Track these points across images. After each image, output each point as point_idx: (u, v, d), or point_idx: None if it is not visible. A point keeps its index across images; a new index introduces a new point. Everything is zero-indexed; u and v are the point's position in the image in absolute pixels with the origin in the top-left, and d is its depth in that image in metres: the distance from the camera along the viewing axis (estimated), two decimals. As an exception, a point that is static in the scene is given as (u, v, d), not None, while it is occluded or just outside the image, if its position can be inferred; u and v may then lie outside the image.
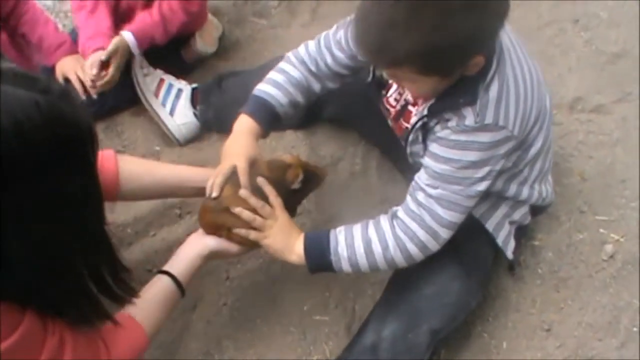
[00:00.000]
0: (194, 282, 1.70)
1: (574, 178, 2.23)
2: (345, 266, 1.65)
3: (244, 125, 1.75)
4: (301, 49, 1.84)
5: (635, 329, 1.96)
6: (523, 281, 2.02)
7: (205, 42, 2.47)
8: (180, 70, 2.41)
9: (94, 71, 2.15)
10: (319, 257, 1.66)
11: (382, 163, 2.24)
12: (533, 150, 1.69)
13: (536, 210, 1.91)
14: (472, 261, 1.80)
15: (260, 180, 1.66)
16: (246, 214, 1.63)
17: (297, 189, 1.73)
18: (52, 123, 1.10)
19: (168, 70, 2.37)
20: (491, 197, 1.76)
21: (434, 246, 1.62)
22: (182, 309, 1.93)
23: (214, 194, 1.64)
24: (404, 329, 1.74)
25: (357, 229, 1.65)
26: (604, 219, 2.16)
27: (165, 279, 1.61)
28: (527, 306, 2.00)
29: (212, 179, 1.66)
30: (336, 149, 2.27)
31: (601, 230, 2.13)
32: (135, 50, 2.23)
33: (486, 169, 1.55)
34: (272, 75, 1.82)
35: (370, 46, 1.38)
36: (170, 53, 2.41)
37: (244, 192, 1.63)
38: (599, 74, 2.50)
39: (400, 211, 1.62)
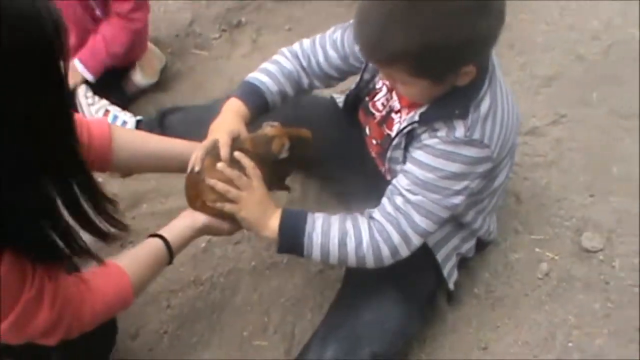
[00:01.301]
0: (135, 310, 1.70)
1: (509, 199, 2.27)
2: (316, 253, 1.63)
3: (231, 105, 1.75)
4: (295, 45, 1.87)
5: (570, 344, 2.00)
6: (459, 302, 2.04)
7: (145, 74, 2.49)
8: (121, 101, 2.42)
9: None
10: (292, 237, 1.63)
11: (321, 191, 2.27)
12: (497, 182, 1.74)
13: (479, 245, 1.97)
14: (415, 289, 1.83)
15: (238, 154, 1.62)
16: (220, 185, 1.60)
17: (285, 158, 1.70)
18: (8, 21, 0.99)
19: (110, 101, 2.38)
20: (448, 225, 1.80)
21: (404, 251, 1.62)
22: (122, 337, 1.91)
23: (196, 168, 1.63)
24: (344, 352, 1.74)
25: (335, 218, 1.64)
26: (539, 238, 2.20)
27: (157, 240, 1.60)
28: (464, 326, 2.02)
29: (195, 153, 1.64)
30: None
31: (536, 250, 2.17)
32: (88, 76, 2.26)
33: (464, 183, 1.57)
34: (265, 65, 1.84)
35: (368, 39, 1.41)
36: (113, 82, 2.42)
37: (220, 165, 1.61)
38: (534, 98, 2.57)
39: (376, 213, 1.63)
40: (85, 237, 1.34)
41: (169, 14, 2.77)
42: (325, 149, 1.96)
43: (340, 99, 2.07)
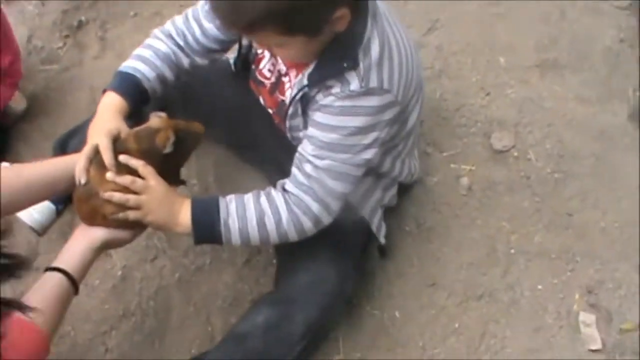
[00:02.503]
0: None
1: (410, 123, 2.20)
2: (235, 238, 1.55)
3: (107, 101, 1.60)
4: (167, 24, 1.72)
5: (512, 251, 2.00)
6: (394, 245, 1.99)
7: (15, 102, 2.28)
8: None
9: None
10: (207, 228, 1.54)
11: (222, 176, 2.15)
12: (410, 124, 1.65)
13: (402, 188, 1.90)
14: (346, 246, 1.75)
15: (123, 157, 1.49)
16: (117, 196, 1.48)
17: (171, 152, 1.54)
18: None
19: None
20: (367, 180, 1.72)
21: (326, 218, 1.55)
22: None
23: (82, 180, 1.49)
24: (277, 317, 1.68)
25: (248, 198, 1.55)
26: (451, 153, 2.16)
27: (57, 276, 1.46)
28: (406, 267, 1.98)
29: (77, 165, 1.50)
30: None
31: (452, 166, 2.14)
32: None
33: (373, 135, 1.48)
34: (137, 51, 1.69)
35: (226, 8, 1.29)
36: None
37: (109, 174, 1.48)
38: (404, 9, 2.47)
39: (288, 184, 1.54)
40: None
41: (3, 36, 2.52)
42: (227, 115, 1.88)
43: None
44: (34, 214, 2.03)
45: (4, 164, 2.10)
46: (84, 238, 1.53)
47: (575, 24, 2.42)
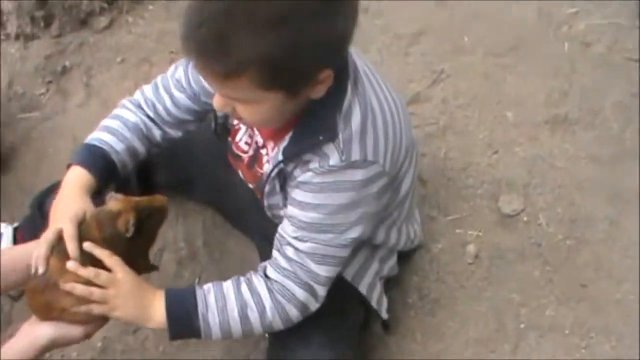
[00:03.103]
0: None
1: (413, 183, 2.07)
2: (216, 333, 1.41)
3: (72, 177, 1.46)
4: (137, 94, 1.59)
5: (522, 326, 1.87)
6: (396, 318, 1.85)
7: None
8: None
9: None
10: (184, 323, 1.40)
11: (210, 240, 2.02)
12: (404, 189, 1.52)
13: (403, 255, 1.77)
14: (341, 329, 1.61)
15: (87, 245, 1.34)
16: (80, 289, 1.32)
17: (136, 234, 1.38)
18: None
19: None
20: (362, 253, 1.58)
21: (313, 305, 1.43)
22: None
23: (40, 270, 1.33)
24: None
25: (228, 287, 1.41)
26: (457, 217, 2.03)
27: None
28: (409, 343, 1.85)
29: (35, 252, 1.34)
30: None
31: (457, 231, 2.01)
32: None
33: (359, 211, 1.34)
34: (105, 122, 1.56)
35: (205, 48, 1.12)
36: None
37: (71, 264, 1.32)
38: (405, 60, 2.36)
39: (270, 270, 1.41)
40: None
41: (-20, 82, 2.40)
42: (211, 181, 1.78)
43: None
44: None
45: (4, 228, 1.98)
46: (29, 335, 1.37)
47: (585, 77, 2.30)
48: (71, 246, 1.33)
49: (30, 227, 1.89)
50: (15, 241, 1.96)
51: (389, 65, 2.33)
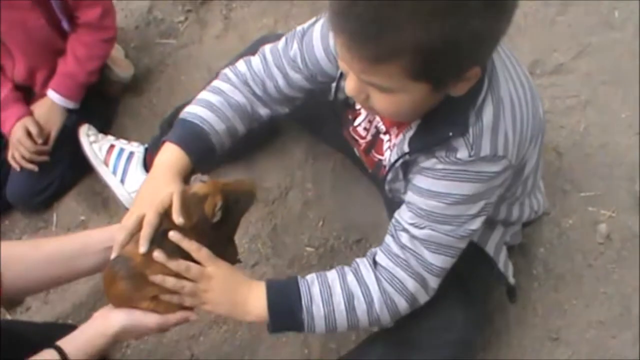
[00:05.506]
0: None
1: (548, 155, 1.99)
2: (320, 326, 1.35)
3: (167, 158, 1.39)
4: (241, 66, 1.50)
5: (648, 315, 1.78)
6: (519, 288, 1.79)
7: (121, 68, 2.18)
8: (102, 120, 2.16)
9: (28, 145, 1.96)
10: (287, 316, 1.33)
11: (337, 183, 1.99)
12: (527, 169, 1.43)
13: (529, 224, 1.70)
14: (475, 288, 1.55)
15: (174, 235, 1.28)
16: (171, 282, 1.28)
17: (221, 219, 1.32)
18: None
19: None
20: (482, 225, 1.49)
21: (422, 297, 1.36)
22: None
23: (113, 255, 1.31)
24: (392, 356, 1.50)
25: (333, 278, 1.35)
26: (591, 195, 1.95)
27: (51, 354, 1.28)
28: (529, 316, 1.79)
29: (117, 237, 1.31)
30: (282, 177, 2.01)
31: (590, 209, 1.93)
32: (69, 105, 2.02)
33: (481, 204, 1.28)
34: (205, 95, 1.47)
35: (360, 29, 1.02)
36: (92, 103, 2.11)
37: (158, 254, 1.27)
38: (551, 29, 2.26)
39: (380, 255, 1.35)
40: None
41: (123, 4, 2.41)
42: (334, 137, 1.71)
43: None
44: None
45: (136, 147, 2.03)
46: (101, 322, 1.34)
47: None
48: (144, 232, 1.28)
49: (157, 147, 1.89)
50: (145, 161, 2.00)
51: (533, 31, 2.24)
